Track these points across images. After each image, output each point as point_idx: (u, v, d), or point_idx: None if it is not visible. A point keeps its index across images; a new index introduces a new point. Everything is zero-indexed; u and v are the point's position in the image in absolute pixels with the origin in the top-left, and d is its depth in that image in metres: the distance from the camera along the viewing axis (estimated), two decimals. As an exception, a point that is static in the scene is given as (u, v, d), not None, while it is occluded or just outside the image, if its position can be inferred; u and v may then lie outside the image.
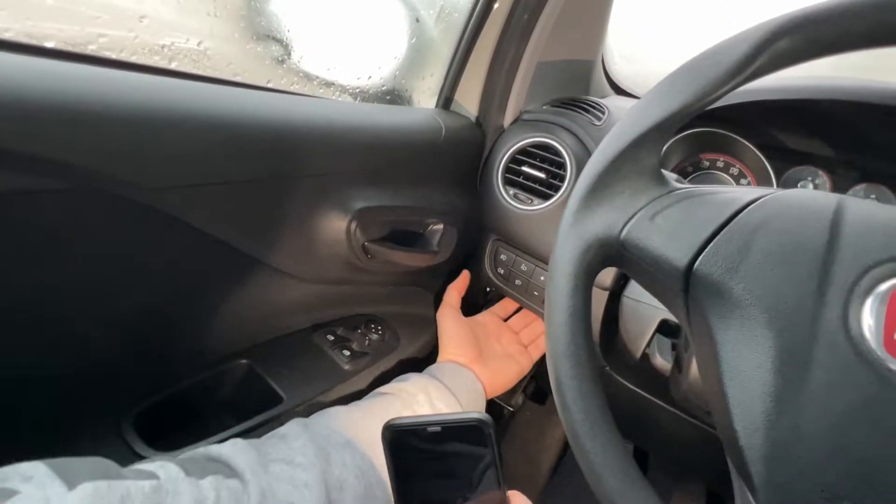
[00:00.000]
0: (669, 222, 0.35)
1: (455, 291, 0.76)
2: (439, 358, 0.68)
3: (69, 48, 0.38)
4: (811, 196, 0.35)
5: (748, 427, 0.30)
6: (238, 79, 0.48)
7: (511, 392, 0.81)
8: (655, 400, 0.64)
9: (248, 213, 0.50)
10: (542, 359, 0.74)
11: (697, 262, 0.33)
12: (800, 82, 0.59)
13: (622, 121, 0.38)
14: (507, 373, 0.69)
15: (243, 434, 0.50)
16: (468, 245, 0.78)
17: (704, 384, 0.36)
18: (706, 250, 0.33)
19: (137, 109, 0.38)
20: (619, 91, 0.94)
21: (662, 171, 0.39)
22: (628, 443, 1.04)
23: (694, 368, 0.46)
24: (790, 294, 0.31)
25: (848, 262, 0.30)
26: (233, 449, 0.38)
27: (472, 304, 0.81)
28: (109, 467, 0.29)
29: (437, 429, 0.31)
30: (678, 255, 0.34)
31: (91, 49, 0.38)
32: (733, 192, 0.36)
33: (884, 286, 0.29)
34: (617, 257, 0.37)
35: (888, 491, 0.27)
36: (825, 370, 0.29)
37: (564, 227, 0.38)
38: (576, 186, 0.38)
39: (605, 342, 0.67)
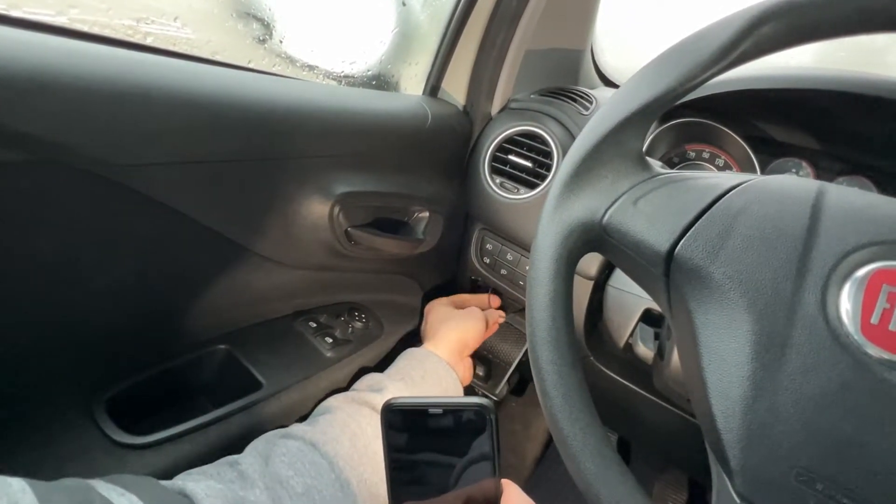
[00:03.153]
0: (651, 207, 0.35)
1: (463, 298, 0.78)
2: (428, 343, 0.66)
3: (37, 18, 0.36)
4: (792, 182, 0.35)
5: (726, 411, 0.30)
6: (217, 58, 0.47)
7: (495, 382, 0.81)
8: (638, 389, 0.64)
9: (227, 194, 0.49)
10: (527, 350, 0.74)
11: (678, 247, 0.33)
12: (785, 72, 0.59)
13: (606, 105, 0.38)
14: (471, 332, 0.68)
15: (221, 419, 0.49)
16: (455, 234, 0.78)
17: (684, 369, 0.36)
18: (687, 235, 0.33)
19: (108, 83, 0.37)
20: (608, 83, 0.94)
21: (646, 156, 0.39)
22: (612, 433, 1.05)
23: (676, 357, 0.46)
24: (769, 279, 0.31)
25: (827, 248, 0.30)
26: (206, 491, 0.38)
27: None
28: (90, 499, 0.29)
29: (438, 411, 0.30)
30: (659, 239, 0.34)
31: (62, 21, 0.37)
32: (715, 178, 0.36)
33: (861, 271, 0.29)
34: (599, 242, 0.37)
35: (862, 473, 0.27)
36: (803, 354, 0.29)
37: (547, 211, 0.38)
38: (559, 170, 0.38)
39: (589, 332, 0.67)
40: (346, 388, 0.57)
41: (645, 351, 0.54)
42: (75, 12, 0.37)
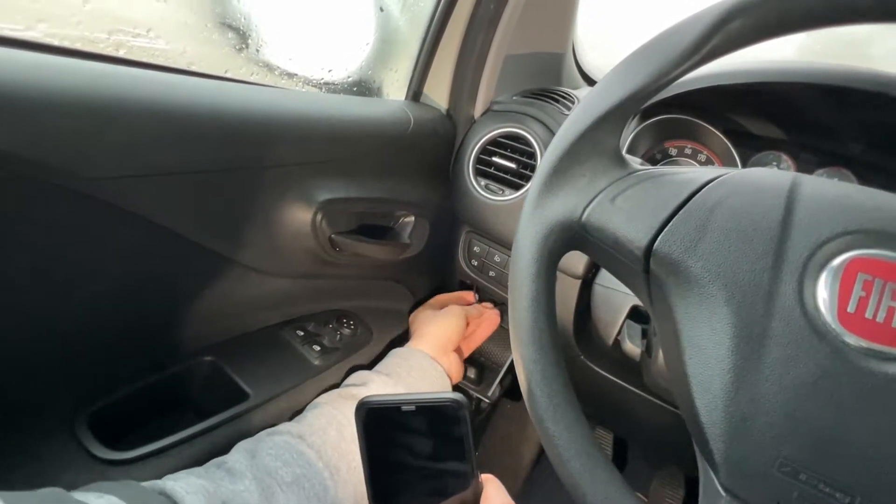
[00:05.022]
0: (630, 203, 0.35)
1: (446, 297, 0.78)
2: (412, 342, 0.67)
3: (4, 33, 0.36)
4: (767, 174, 0.35)
5: (708, 404, 0.31)
6: (193, 68, 0.47)
7: (487, 385, 0.81)
8: (629, 386, 0.64)
9: (207, 205, 0.49)
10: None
11: (657, 242, 0.33)
12: (761, 66, 0.60)
13: (580, 104, 0.38)
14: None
15: (207, 431, 0.49)
16: (443, 237, 0.78)
17: (668, 364, 0.36)
18: (665, 230, 0.33)
19: (78, 96, 0.37)
20: (591, 82, 0.95)
21: (623, 153, 0.39)
22: (607, 431, 1.05)
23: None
24: (746, 271, 0.31)
25: (802, 238, 0.31)
26: (187, 488, 0.37)
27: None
28: (63, 499, 0.28)
29: (412, 408, 0.30)
30: (638, 235, 0.34)
31: (31, 35, 0.36)
32: (692, 173, 0.36)
33: (837, 260, 0.30)
34: (579, 240, 0.37)
35: (844, 462, 0.27)
36: (782, 345, 0.29)
37: (526, 211, 0.38)
38: (537, 170, 0.38)
39: (578, 331, 0.67)
40: (334, 395, 0.56)
41: (632, 348, 0.54)
42: (44, 27, 0.37)
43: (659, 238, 0.33)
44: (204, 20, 0.48)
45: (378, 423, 0.31)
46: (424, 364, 0.61)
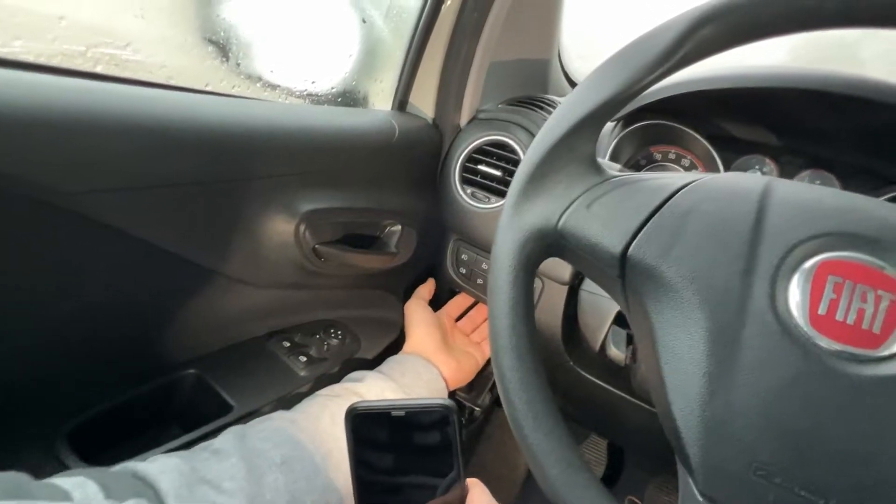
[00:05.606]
0: (605, 210, 0.36)
1: (426, 290, 0.78)
2: (405, 347, 0.68)
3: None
4: (740, 179, 0.35)
5: (684, 409, 0.31)
6: (172, 82, 0.47)
7: (478, 392, 0.81)
8: (618, 392, 0.64)
9: (188, 217, 0.49)
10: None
11: (631, 248, 0.33)
12: (744, 71, 0.60)
13: (556, 112, 0.38)
14: (466, 364, 0.69)
15: (189, 444, 0.48)
16: (432, 245, 0.78)
17: (645, 369, 0.36)
18: (639, 236, 0.33)
19: (56, 113, 0.37)
20: (578, 88, 0.95)
21: (599, 159, 0.39)
22: (601, 438, 1.04)
23: (646, 357, 0.46)
24: (720, 275, 0.31)
25: (773, 242, 0.31)
26: (160, 468, 0.37)
27: (439, 305, 0.80)
28: (20, 485, 0.28)
29: (401, 413, 0.31)
30: (613, 241, 0.34)
31: (6, 52, 0.37)
32: (666, 178, 0.36)
33: (808, 263, 0.30)
34: (556, 247, 0.37)
35: (818, 464, 0.27)
36: (755, 348, 0.29)
37: (504, 219, 0.38)
38: (514, 178, 0.38)
39: (567, 337, 0.67)
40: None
41: (616, 353, 0.54)
42: (19, 44, 0.37)
43: (633, 244, 0.33)
44: (184, 34, 0.48)
45: (367, 428, 0.31)
46: (419, 367, 0.63)
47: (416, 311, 0.72)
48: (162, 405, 0.55)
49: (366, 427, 0.31)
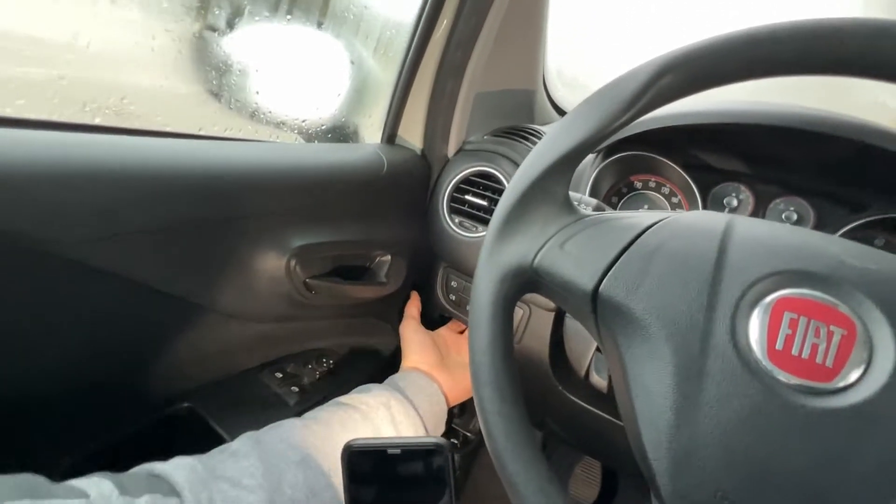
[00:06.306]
0: (577, 248, 0.37)
1: (414, 308, 0.79)
2: (402, 365, 0.69)
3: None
4: (704, 217, 0.37)
5: (653, 440, 0.32)
6: (168, 129, 0.49)
7: (469, 418, 0.82)
8: (606, 416, 0.65)
9: (180, 258, 0.50)
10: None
11: (602, 286, 0.35)
12: (719, 107, 0.63)
13: (531, 154, 0.40)
14: (466, 380, 0.70)
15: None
16: (422, 273, 0.80)
17: (618, 401, 0.37)
18: (609, 274, 0.35)
19: (53, 167, 0.39)
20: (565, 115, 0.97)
21: (574, 195, 0.41)
22: (596, 461, 1.05)
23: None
24: (684, 311, 0.33)
25: (733, 279, 0.32)
26: (175, 465, 0.38)
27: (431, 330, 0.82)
28: (38, 486, 0.28)
29: (397, 451, 0.32)
30: (585, 279, 0.36)
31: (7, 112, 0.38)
32: (635, 217, 0.38)
33: (767, 299, 0.32)
34: (533, 284, 0.39)
35: (778, 492, 0.29)
36: (717, 382, 0.31)
37: (483, 256, 0.40)
38: (492, 218, 0.40)
39: (554, 362, 0.68)
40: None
41: (599, 381, 0.55)
42: (21, 103, 0.39)
43: (604, 282, 0.35)
44: (179, 82, 0.51)
45: (363, 464, 0.32)
46: (420, 382, 0.64)
47: (411, 332, 0.73)
48: (154, 440, 0.55)
49: (361, 463, 0.32)
